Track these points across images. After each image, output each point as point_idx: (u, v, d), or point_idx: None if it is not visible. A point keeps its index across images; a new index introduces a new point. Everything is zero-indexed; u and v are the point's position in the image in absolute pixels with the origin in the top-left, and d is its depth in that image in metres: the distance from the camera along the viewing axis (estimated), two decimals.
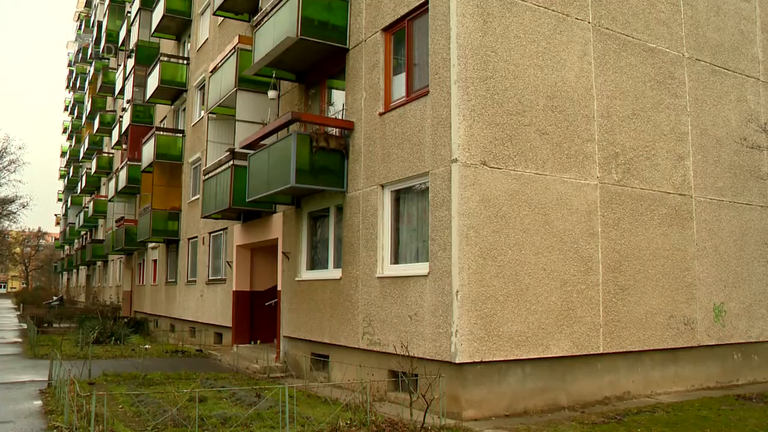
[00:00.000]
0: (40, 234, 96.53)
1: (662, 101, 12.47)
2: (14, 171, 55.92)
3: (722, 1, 13.90)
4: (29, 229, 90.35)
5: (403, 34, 11.47)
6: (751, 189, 13.86)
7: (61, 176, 77.20)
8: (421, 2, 10.78)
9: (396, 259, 11.30)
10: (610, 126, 11.53)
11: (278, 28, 13.40)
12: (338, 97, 13.79)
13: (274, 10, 13.69)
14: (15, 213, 52.71)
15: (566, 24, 11.18)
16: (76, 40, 66.80)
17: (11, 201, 51.03)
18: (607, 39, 11.73)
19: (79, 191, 55.46)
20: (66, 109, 76.53)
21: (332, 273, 13.10)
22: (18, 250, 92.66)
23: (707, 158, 13.12)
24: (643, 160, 11.99)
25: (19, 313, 41.33)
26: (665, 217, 12.19)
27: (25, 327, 27.05)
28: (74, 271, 64.80)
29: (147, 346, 19.21)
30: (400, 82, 11.55)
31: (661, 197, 12.17)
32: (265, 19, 14.17)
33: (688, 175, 12.69)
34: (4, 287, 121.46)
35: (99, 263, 47.73)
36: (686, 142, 12.76)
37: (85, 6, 61.87)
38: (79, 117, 59.98)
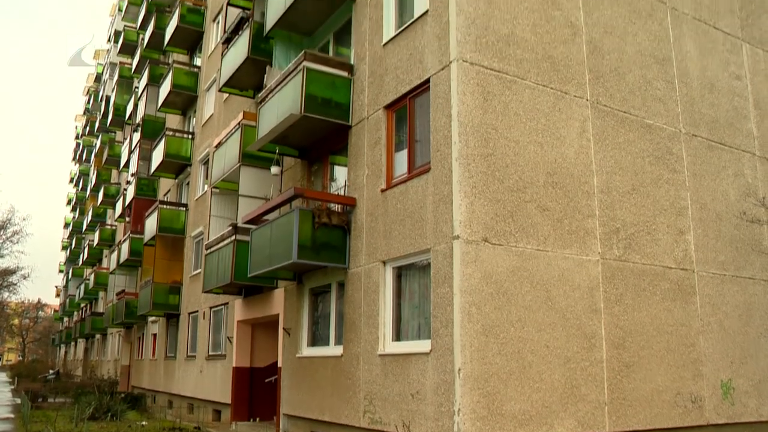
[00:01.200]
0: (39, 305, 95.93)
1: (661, 176, 12.58)
2: (17, 242, 56.03)
3: (715, 79, 14.19)
4: (29, 300, 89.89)
5: (404, 111, 11.67)
6: (754, 263, 13.83)
7: (64, 248, 77.27)
8: (422, 81, 11.01)
9: (398, 336, 11.20)
10: (610, 201, 11.60)
11: (282, 105, 13.65)
12: (340, 173, 13.94)
13: (279, 87, 13.98)
14: (15, 284, 52.59)
15: (565, 101, 11.39)
16: (84, 113, 68.05)
17: (12, 272, 50.96)
18: (606, 116, 11.93)
19: (80, 263, 55.41)
20: (71, 180, 77.28)
21: (333, 350, 12.95)
22: (16, 321, 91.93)
23: (708, 232, 13.14)
24: (644, 235, 12.01)
25: (13, 387, 40.68)
26: (668, 292, 12.12)
27: (19, 402, 26.57)
28: (72, 344, 64.08)
29: (143, 423, 18.82)
30: (401, 158, 11.69)
31: (663, 272, 12.13)
32: (270, 95, 14.46)
33: (689, 249, 12.69)
34: (0, 360, 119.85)
35: (98, 336, 47.29)
36: (686, 216, 12.81)
37: (94, 81, 63.26)
38: (84, 189, 60.50)
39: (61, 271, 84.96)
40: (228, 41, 18.75)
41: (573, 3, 12.01)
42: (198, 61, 26.66)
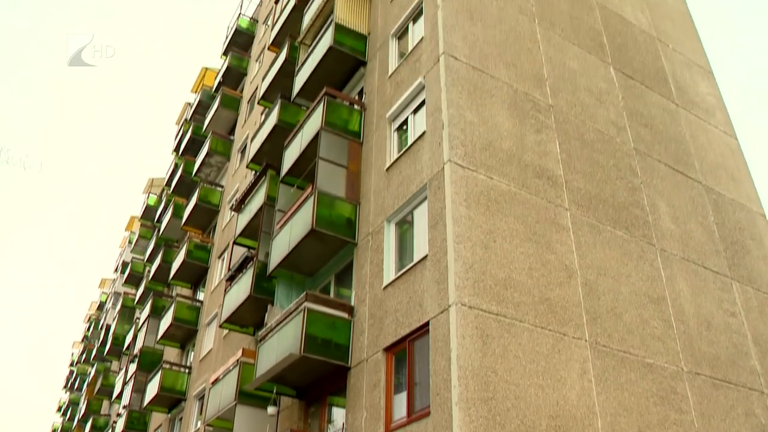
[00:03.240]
0: None
1: (668, 417, 12.25)
2: None
3: (711, 317, 14.34)
4: None
5: (404, 353, 11.67)
6: None
7: None
8: (421, 324, 11.14)
9: None
10: None
11: (282, 344, 13.67)
12: (338, 414, 13.60)
13: (279, 326, 14.10)
14: None
15: (564, 343, 11.43)
16: (82, 341, 67.78)
17: None
18: (606, 356, 11.90)
19: None
20: (59, 409, 74.89)
21: None
22: None
23: None
24: None
25: None
26: None
27: None
28: None
29: None
30: (401, 401, 11.47)
31: None
32: (270, 334, 14.53)
33: None
34: None
35: None
36: None
37: (97, 309, 63.81)
38: (71, 419, 58.43)
39: None
40: (232, 278, 19.24)
41: (566, 247, 12.51)
42: (201, 296, 27.13)
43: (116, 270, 57.28)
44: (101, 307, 61.43)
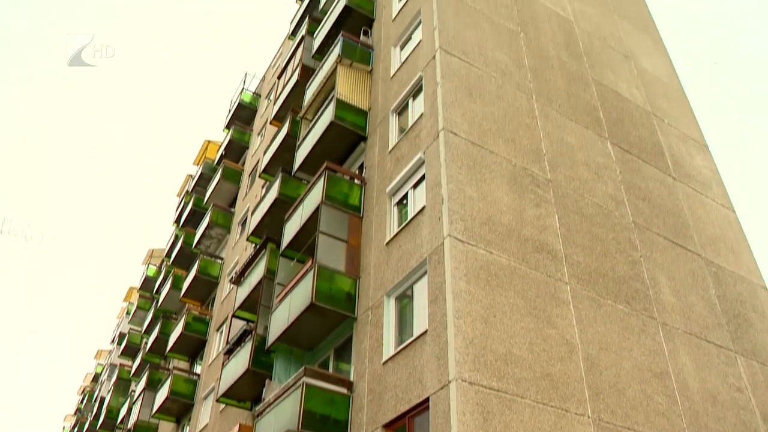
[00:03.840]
0: None
1: None
2: None
3: (716, 392, 14.13)
4: None
5: (404, 430, 11.44)
6: None
7: None
8: (421, 400, 10.97)
9: None
10: None
11: (280, 420, 13.43)
12: None
13: (277, 401, 13.88)
14: None
15: (566, 419, 11.22)
16: (75, 413, 66.42)
17: None
18: None
19: None
20: None
21: None
22: None
23: None
24: None
25: None
26: None
27: None
28: None
29: None
30: None
31: None
32: (268, 409, 14.28)
33: None
34: None
35: None
36: None
37: (92, 381, 62.83)
38: None
39: None
40: (230, 352, 19.05)
41: (567, 321, 12.44)
42: (198, 369, 26.79)
43: (113, 341, 56.69)
44: (96, 378, 60.49)
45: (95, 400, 51.98)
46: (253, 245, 22.58)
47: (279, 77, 24.84)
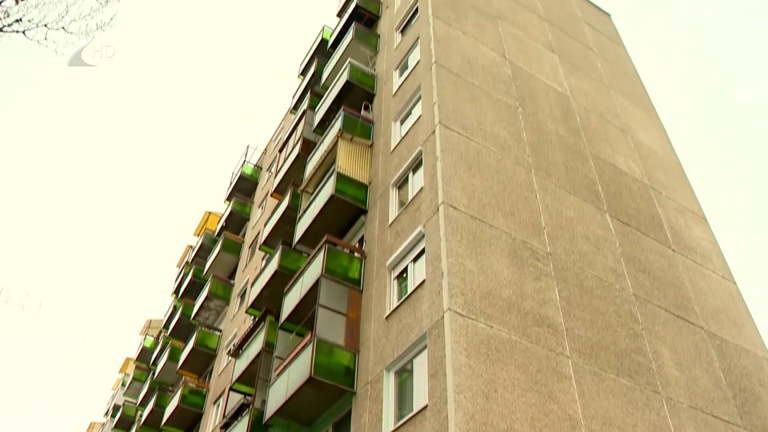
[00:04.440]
0: None
1: None
2: None
3: None
4: None
5: None
6: None
7: None
8: None
9: None
10: None
11: None
12: None
13: None
14: None
15: None
16: None
17: None
18: None
19: None
20: None
21: None
22: None
23: None
24: None
25: None
26: None
27: None
28: None
29: None
30: None
31: None
32: None
33: None
34: None
35: None
36: None
37: None
38: None
39: None
40: (227, 426, 18.70)
41: (569, 396, 12.25)
42: None
43: (107, 413, 55.64)
44: None
45: None
46: (252, 317, 22.45)
47: (280, 150, 25.21)
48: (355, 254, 16.49)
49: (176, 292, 37.38)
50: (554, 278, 14.20)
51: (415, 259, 14.20)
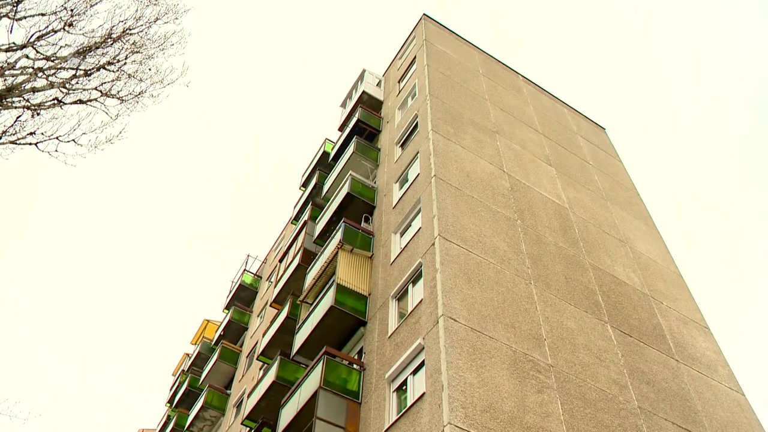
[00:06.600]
0: None
1: None
2: None
3: None
4: None
5: None
6: None
7: None
8: None
9: None
10: None
11: None
12: None
13: None
14: None
15: None
16: None
17: None
18: None
19: None
20: None
21: None
22: None
23: None
24: None
25: None
26: None
27: None
28: None
29: None
30: None
31: None
32: None
33: None
34: None
35: None
36: None
37: None
38: None
39: None
40: None
41: None
42: None
43: None
44: None
45: None
46: (248, 429, 21.85)
47: (281, 260, 25.33)
48: (354, 366, 16.26)
49: (171, 401, 36.51)
50: (556, 391, 13.96)
51: (415, 372, 14.00)
